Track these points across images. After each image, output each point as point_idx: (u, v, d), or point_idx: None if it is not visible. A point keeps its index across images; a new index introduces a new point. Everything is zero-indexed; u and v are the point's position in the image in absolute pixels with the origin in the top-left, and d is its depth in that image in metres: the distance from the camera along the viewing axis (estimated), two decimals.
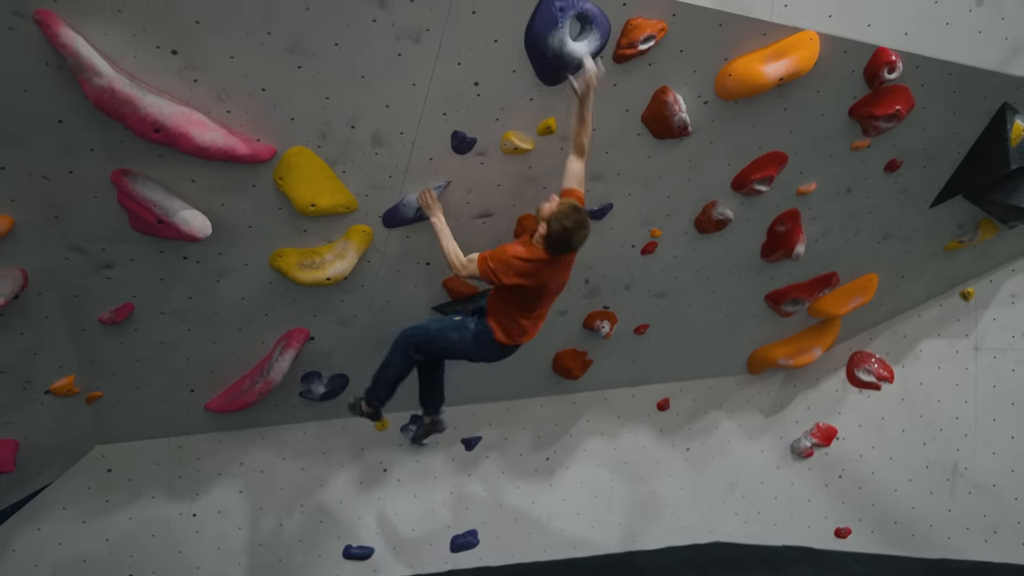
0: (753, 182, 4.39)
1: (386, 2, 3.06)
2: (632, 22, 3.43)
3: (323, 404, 4.93)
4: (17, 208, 3.34)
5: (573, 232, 3.30)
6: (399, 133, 3.57)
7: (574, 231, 3.30)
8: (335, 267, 3.95)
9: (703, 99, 3.89)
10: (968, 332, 6.04)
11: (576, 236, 3.33)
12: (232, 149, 3.28)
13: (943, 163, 4.82)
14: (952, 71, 4.18)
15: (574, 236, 3.32)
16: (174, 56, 3.04)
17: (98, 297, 3.85)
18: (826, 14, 3.72)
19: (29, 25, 2.79)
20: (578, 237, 3.34)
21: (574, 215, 3.28)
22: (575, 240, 3.34)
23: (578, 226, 3.30)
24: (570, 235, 3.30)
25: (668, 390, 5.98)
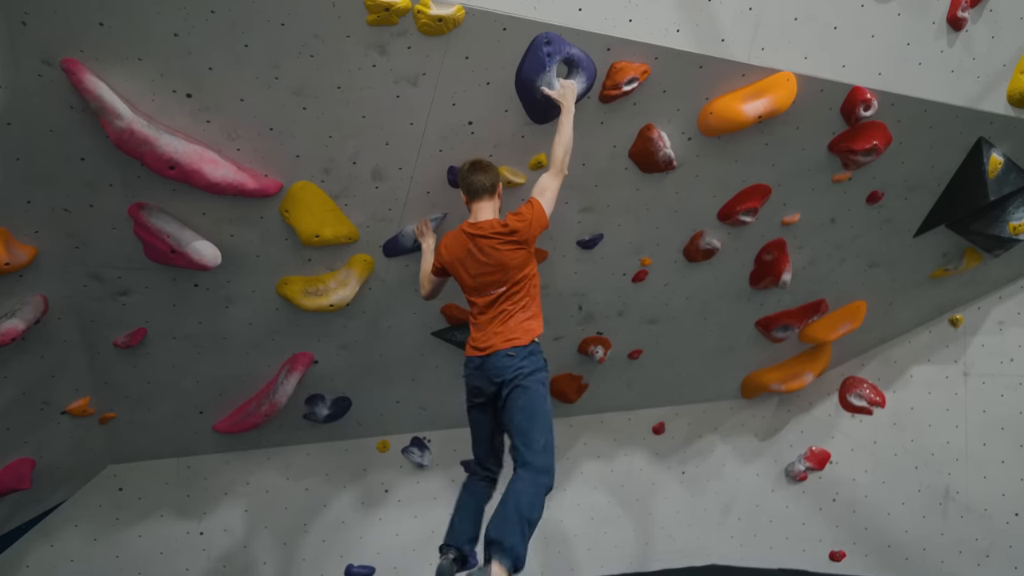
0: (738, 213, 4.58)
1: (385, 49, 3.30)
2: (616, 65, 3.65)
3: (326, 426, 5.10)
4: (41, 239, 3.57)
5: (467, 171, 3.59)
6: (398, 168, 3.80)
7: (467, 170, 3.59)
8: (338, 294, 4.15)
9: (687, 135, 4.11)
10: (957, 358, 6.17)
11: (469, 175, 3.57)
12: (241, 184, 3.51)
13: (924, 194, 5.01)
14: (927, 108, 4.37)
15: (468, 175, 3.58)
16: (189, 99, 3.28)
17: (114, 322, 4.06)
18: (802, 56, 3.93)
19: (56, 72, 3.04)
20: (470, 176, 3.56)
21: (476, 160, 3.61)
22: (469, 175, 3.57)
23: (472, 164, 3.59)
24: (464, 173, 3.60)
25: (663, 414, 6.13)
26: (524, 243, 3.50)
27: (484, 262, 3.51)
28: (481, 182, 3.54)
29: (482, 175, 3.55)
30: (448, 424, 5.50)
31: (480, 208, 3.59)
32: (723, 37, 3.74)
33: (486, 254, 3.50)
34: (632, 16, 3.53)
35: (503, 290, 3.53)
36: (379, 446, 5.41)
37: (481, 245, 3.51)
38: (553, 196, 3.58)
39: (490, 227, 3.52)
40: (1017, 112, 4.60)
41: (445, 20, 3.23)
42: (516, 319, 3.54)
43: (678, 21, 3.62)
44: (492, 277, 3.54)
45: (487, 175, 3.55)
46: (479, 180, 3.54)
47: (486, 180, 3.54)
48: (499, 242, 3.48)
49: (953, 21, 4.15)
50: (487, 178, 3.55)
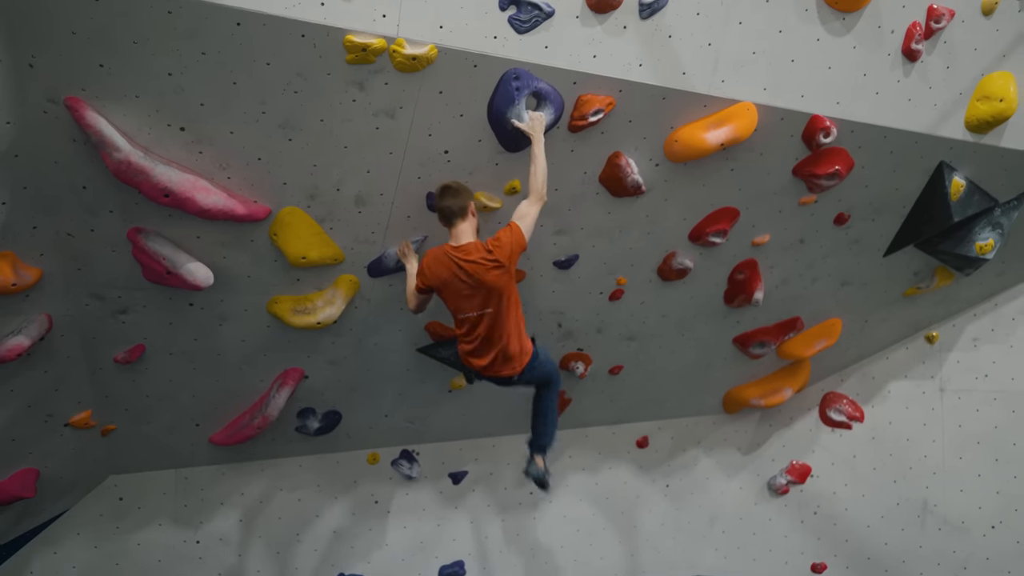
0: (708, 235, 4.80)
1: (364, 85, 3.56)
2: (582, 98, 3.89)
3: (318, 439, 5.32)
4: (45, 261, 3.83)
5: (438, 197, 3.79)
6: (379, 194, 4.04)
7: (439, 195, 3.78)
8: (325, 312, 4.39)
9: (654, 162, 4.34)
10: (934, 374, 6.33)
11: (440, 201, 3.77)
12: (232, 210, 3.76)
13: (890, 216, 5.21)
14: (886, 134, 4.59)
15: (439, 201, 3.78)
16: (182, 132, 3.54)
17: (114, 339, 4.30)
18: (761, 87, 4.17)
19: (61, 109, 3.30)
20: (441, 203, 3.76)
21: (445, 185, 3.80)
22: (440, 202, 3.77)
23: (442, 190, 3.78)
24: (437, 200, 3.80)
25: (647, 428, 6.31)
26: (504, 266, 3.71)
27: (469, 284, 3.73)
28: (450, 207, 3.75)
29: (451, 199, 3.75)
30: (436, 437, 5.71)
31: (459, 231, 3.80)
32: (684, 70, 3.98)
33: (471, 276, 3.71)
34: (596, 52, 3.78)
35: (490, 311, 3.78)
36: (369, 458, 5.62)
37: (467, 268, 3.71)
38: (532, 221, 3.80)
39: (475, 250, 3.73)
40: (975, 137, 4.80)
41: (419, 59, 3.48)
42: (513, 343, 3.88)
43: (640, 56, 3.86)
44: (476, 299, 3.77)
45: (457, 199, 3.75)
46: (448, 205, 3.75)
47: (455, 204, 3.74)
48: (483, 267, 3.70)
49: (908, 53, 4.38)
50: (456, 201, 3.75)
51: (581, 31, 3.72)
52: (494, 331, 3.82)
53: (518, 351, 3.91)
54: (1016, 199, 5.34)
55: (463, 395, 5.39)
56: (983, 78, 4.66)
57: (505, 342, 3.85)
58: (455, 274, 3.74)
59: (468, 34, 3.53)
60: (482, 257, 3.69)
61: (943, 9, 4.35)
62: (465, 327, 3.89)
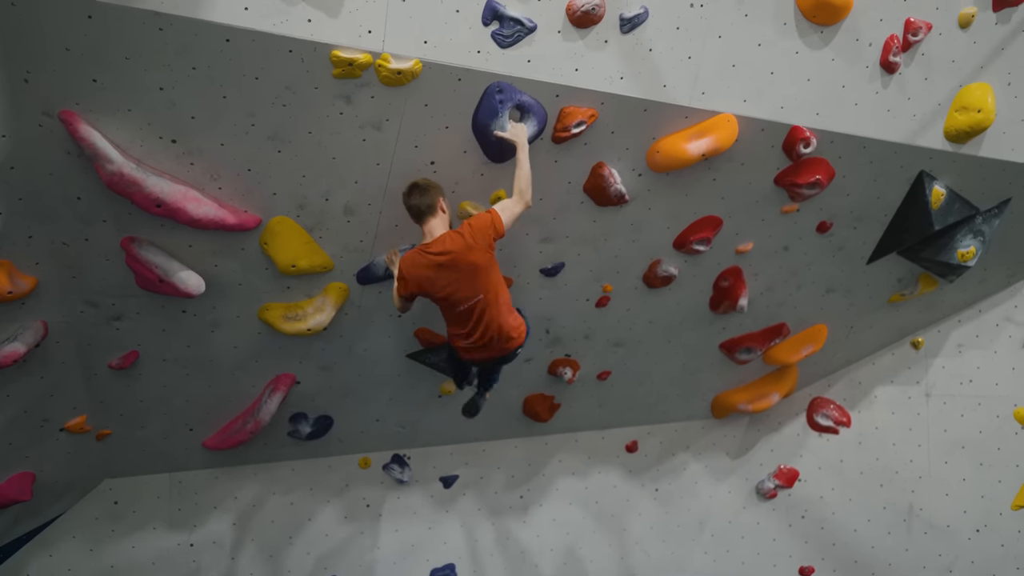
0: (692, 243, 4.89)
1: (351, 98, 3.65)
2: (565, 110, 3.99)
3: (310, 443, 5.41)
4: (41, 270, 3.92)
5: (406, 196, 3.81)
6: (367, 204, 4.14)
7: (407, 194, 3.80)
8: (315, 319, 4.48)
9: (637, 172, 4.43)
10: (919, 379, 6.42)
11: (408, 200, 3.80)
12: (222, 220, 3.85)
13: (872, 224, 5.29)
14: (866, 144, 4.68)
15: (407, 200, 3.81)
16: (174, 144, 3.64)
17: (108, 345, 4.40)
18: (741, 99, 4.26)
19: (55, 123, 3.40)
20: (409, 201, 3.79)
21: (412, 184, 3.83)
22: (409, 200, 3.80)
23: (410, 189, 3.80)
24: (404, 199, 3.82)
25: (636, 433, 6.40)
26: (479, 246, 3.71)
27: (452, 273, 3.75)
28: (418, 205, 3.77)
29: (418, 197, 3.77)
30: (426, 442, 5.80)
31: (431, 228, 3.82)
32: (665, 83, 4.07)
33: (453, 264, 3.72)
34: (578, 66, 3.88)
35: (481, 297, 3.81)
36: (361, 463, 5.71)
37: (444, 260, 3.72)
38: (512, 216, 3.79)
39: (449, 239, 3.73)
40: (955, 147, 4.88)
41: (404, 73, 3.58)
42: (506, 321, 3.94)
43: (622, 70, 3.96)
44: (464, 288, 3.79)
45: (424, 196, 3.77)
46: (417, 203, 3.77)
47: (423, 202, 3.76)
48: (458, 253, 3.71)
49: (886, 65, 4.47)
50: (424, 199, 3.76)
51: (563, 45, 3.82)
52: (487, 315, 3.86)
53: (514, 325, 3.99)
54: (997, 207, 5.42)
55: (453, 400, 5.47)
56: (961, 89, 4.75)
57: (499, 322, 3.90)
58: (436, 270, 3.77)
59: (452, 49, 3.63)
60: (457, 243, 3.71)
61: (920, 22, 4.45)
62: (461, 321, 3.92)
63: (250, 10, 3.29)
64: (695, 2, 3.98)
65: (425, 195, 3.78)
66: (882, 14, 4.38)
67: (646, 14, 3.90)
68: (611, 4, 3.83)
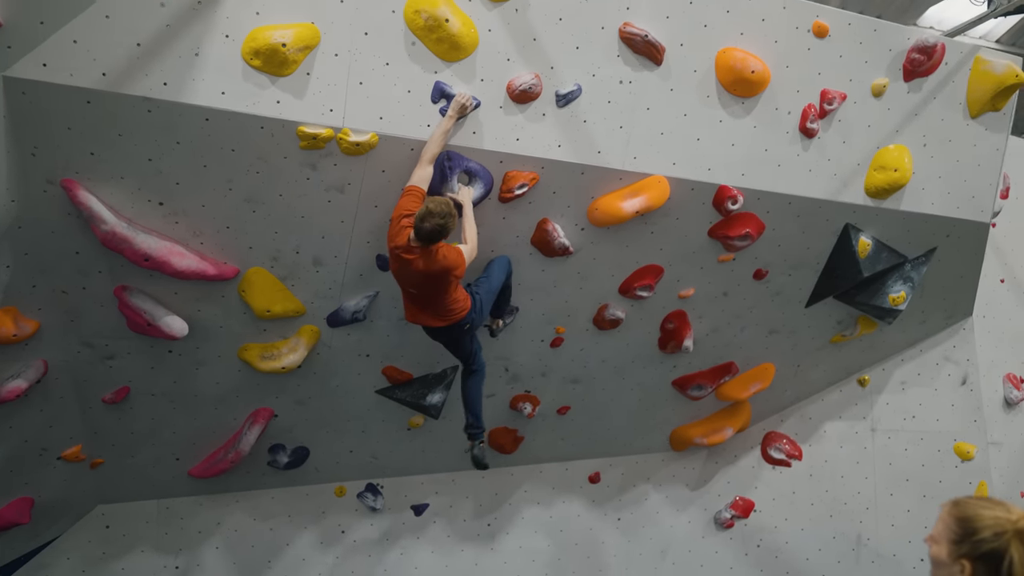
0: (636, 289, 5.35)
1: (316, 166, 4.17)
2: (509, 174, 4.49)
3: (289, 472, 5.84)
4: (43, 314, 4.42)
5: (422, 218, 3.86)
6: (334, 256, 4.63)
7: (423, 217, 3.86)
8: (289, 358, 4.95)
9: (579, 227, 4.91)
10: (865, 415, 6.81)
11: (424, 222, 3.85)
12: (204, 271, 4.35)
13: (806, 271, 5.74)
14: (791, 201, 5.15)
15: (423, 222, 3.87)
16: (161, 206, 4.16)
17: (102, 382, 4.87)
18: (671, 162, 4.75)
19: (57, 189, 3.93)
20: (425, 224, 3.85)
21: (422, 212, 3.90)
22: (423, 226, 3.86)
23: (425, 213, 3.86)
24: (420, 221, 3.87)
25: (598, 464, 6.78)
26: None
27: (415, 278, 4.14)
28: (428, 226, 3.89)
29: (430, 220, 3.88)
30: (398, 472, 6.22)
31: None
32: (599, 150, 4.57)
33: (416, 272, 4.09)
34: (519, 136, 4.39)
35: None
36: (336, 491, 6.12)
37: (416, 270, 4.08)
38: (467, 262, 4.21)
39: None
40: (876, 202, 5.36)
41: (362, 144, 4.10)
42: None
43: (559, 138, 4.47)
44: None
45: (436, 219, 3.90)
46: (428, 224, 3.88)
47: (431, 225, 3.91)
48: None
49: (804, 130, 4.97)
50: (433, 223, 3.91)
51: (505, 119, 4.33)
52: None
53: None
54: (924, 255, 5.87)
55: (421, 432, 5.91)
56: (879, 150, 5.24)
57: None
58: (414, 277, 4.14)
59: (405, 123, 4.15)
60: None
61: (835, 93, 4.96)
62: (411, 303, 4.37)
63: (226, 94, 3.82)
64: (624, 79, 4.50)
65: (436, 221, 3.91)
66: (799, 86, 4.89)
67: (579, 91, 4.42)
68: (547, 82, 4.35)
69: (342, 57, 3.98)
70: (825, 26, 4.83)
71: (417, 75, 4.12)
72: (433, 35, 4.04)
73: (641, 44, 4.43)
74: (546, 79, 4.35)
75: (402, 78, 4.09)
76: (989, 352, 6.86)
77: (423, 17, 4.00)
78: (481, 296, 4.52)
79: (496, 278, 4.68)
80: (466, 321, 4.41)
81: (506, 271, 4.69)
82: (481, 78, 4.24)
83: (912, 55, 5.08)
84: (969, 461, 6.64)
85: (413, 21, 4.02)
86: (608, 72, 4.46)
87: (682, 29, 4.55)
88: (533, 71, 4.31)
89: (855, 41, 4.95)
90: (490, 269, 4.66)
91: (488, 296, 4.61)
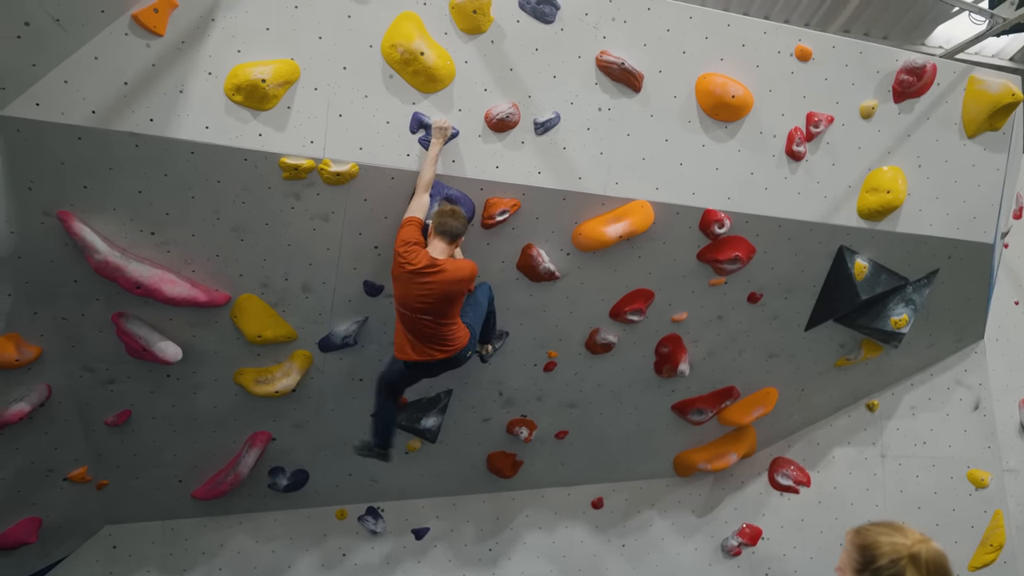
0: (626, 313, 5.36)
1: (300, 196, 4.31)
2: (490, 200, 4.57)
3: (290, 495, 5.93)
4: (45, 340, 4.61)
5: (449, 216, 4.17)
6: (322, 283, 4.75)
7: (450, 216, 4.17)
8: (282, 383, 5.07)
9: (565, 251, 4.96)
10: (875, 440, 6.67)
11: (448, 221, 4.16)
12: (194, 298, 4.51)
13: (802, 294, 5.69)
14: (780, 224, 5.13)
15: (447, 221, 4.17)
16: (152, 235, 4.33)
17: (104, 405, 5.04)
18: (653, 187, 4.79)
19: (54, 221, 4.13)
20: (453, 222, 4.17)
21: (449, 210, 4.24)
22: (446, 223, 4.16)
23: (447, 212, 4.19)
24: (447, 219, 4.17)
25: (601, 490, 6.74)
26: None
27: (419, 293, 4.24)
28: (453, 224, 4.24)
29: (453, 219, 4.24)
30: (398, 495, 6.27)
31: (442, 250, 4.27)
32: (580, 176, 4.63)
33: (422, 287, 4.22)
34: (498, 164, 4.47)
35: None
36: (337, 514, 6.20)
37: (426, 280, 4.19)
38: None
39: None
40: (870, 224, 5.30)
41: (343, 175, 4.22)
42: None
43: (539, 165, 4.54)
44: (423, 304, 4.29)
45: (458, 219, 4.25)
46: (453, 223, 4.23)
47: (455, 223, 4.24)
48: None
49: (791, 153, 4.96)
50: (456, 223, 4.24)
51: (484, 147, 4.43)
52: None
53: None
54: (926, 278, 5.77)
55: (419, 456, 5.96)
56: (871, 172, 5.19)
57: None
58: (416, 293, 4.25)
59: (384, 153, 4.27)
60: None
61: (821, 115, 4.95)
62: (409, 330, 4.44)
63: (210, 128, 3.99)
64: (603, 106, 4.57)
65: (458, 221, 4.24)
66: (783, 109, 4.90)
67: (557, 118, 4.50)
68: (525, 111, 4.44)
69: (321, 91, 4.12)
70: (808, 49, 4.83)
71: (395, 107, 4.24)
72: (409, 68, 4.17)
73: (618, 72, 4.49)
74: (524, 108, 4.44)
75: (381, 110, 4.22)
76: (1003, 376, 6.67)
77: (399, 51, 4.13)
78: (471, 324, 4.59)
79: (482, 305, 4.75)
80: (468, 348, 4.51)
81: (488, 297, 4.75)
82: (459, 108, 4.34)
83: (901, 76, 5.05)
84: (983, 488, 6.44)
85: (390, 55, 4.15)
86: (586, 100, 4.53)
87: (660, 56, 4.60)
88: (510, 100, 4.40)
89: (840, 64, 4.94)
90: (474, 297, 4.73)
91: (477, 324, 4.68)
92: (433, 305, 4.21)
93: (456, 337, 4.40)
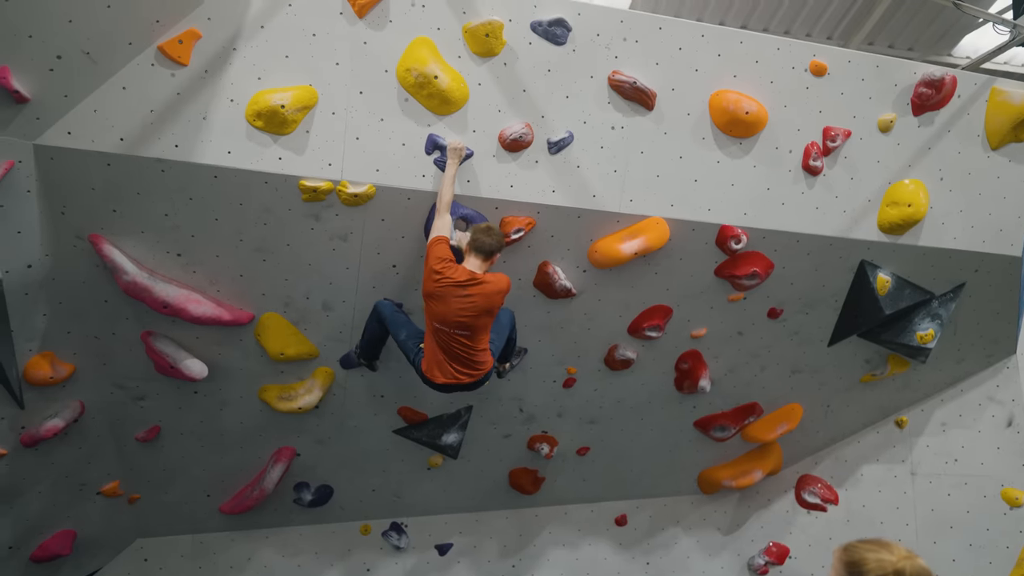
0: (645, 329, 5.37)
1: (319, 217, 4.43)
2: (505, 219, 4.63)
3: (315, 510, 6.03)
4: (78, 359, 4.79)
5: (483, 234, 4.19)
6: (342, 301, 4.86)
7: (484, 233, 4.20)
8: (305, 399, 5.18)
9: (581, 268, 5.00)
10: (904, 458, 6.54)
11: (482, 238, 4.18)
12: (219, 317, 4.64)
13: (824, 309, 5.64)
14: (799, 239, 5.11)
15: (481, 238, 4.18)
16: (179, 257, 4.49)
17: (135, 421, 5.20)
18: (668, 203, 4.81)
19: (85, 244, 4.30)
20: (487, 239, 4.18)
21: (484, 227, 4.25)
22: (480, 240, 4.18)
23: (482, 230, 4.22)
24: (482, 236, 4.18)
25: (625, 507, 6.72)
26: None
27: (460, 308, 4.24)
28: (491, 241, 4.24)
29: (491, 236, 4.25)
30: (422, 511, 6.33)
31: (478, 264, 4.29)
32: (594, 193, 4.68)
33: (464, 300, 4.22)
34: (513, 183, 4.55)
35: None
36: (362, 529, 6.28)
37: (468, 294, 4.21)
38: None
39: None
40: (892, 238, 5.25)
41: (360, 196, 4.33)
42: None
43: (553, 184, 4.60)
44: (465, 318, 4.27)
45: (495, 237, 4.27)
46: (490, 240, 4.24)
47: (492, 240, 4.24)
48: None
49: (808, 168, 4.95)
50: (493, 240, 4.25)
51: (498, 167, 4.51)
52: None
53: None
54: (952, 292, 5.68)
55: (442, 472, 6.02)
56: (891, 185, 5.15)
57: None
58: (455, 307, 4.24)
59: (400, 174, 4.37)
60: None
61: (838, 130, 4.93)
62: (447, 354, 4.40)
63: (232, 153, 4.14)
64: (616, 124, 4.62)
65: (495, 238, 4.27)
66: (799, 125, 4.89)
67: (571, 137, 4.56)
68: (538, 131, 4.51)
69: (339, 115, 4.25)
70: (823, 65, 4.83)
71: (411, 129, 4.35)
72: (424, 91, 4.27)
73: (630, 90, 4.54)
74: (537, 128, 4.51)
75: (396, 132, 4.33)
76: None
77: (413, 75, 4.23)
78: (494, 350, 4.59)
79: (505, 329, 4.73)
80: (489, 375, 4.53)
81: (511, 323, 4.77)
82: (473, 129, 4.43)
83: (920, 89, 5.01)
84: (1018, 508, 6.26)
85: (405, 79, 4.26)
86: (599, 118, 4.59)
87: (673, 74, 4.64)
88: (524, 120, 4.48)
89: (857, 78, 4.92)
90: (499, 322, 4.66)
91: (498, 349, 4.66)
92: (474, 319, 4.20)
93: (484, 362, 4.42)
